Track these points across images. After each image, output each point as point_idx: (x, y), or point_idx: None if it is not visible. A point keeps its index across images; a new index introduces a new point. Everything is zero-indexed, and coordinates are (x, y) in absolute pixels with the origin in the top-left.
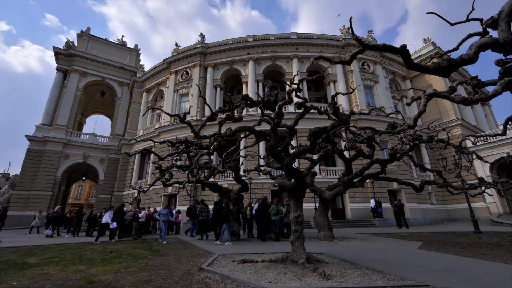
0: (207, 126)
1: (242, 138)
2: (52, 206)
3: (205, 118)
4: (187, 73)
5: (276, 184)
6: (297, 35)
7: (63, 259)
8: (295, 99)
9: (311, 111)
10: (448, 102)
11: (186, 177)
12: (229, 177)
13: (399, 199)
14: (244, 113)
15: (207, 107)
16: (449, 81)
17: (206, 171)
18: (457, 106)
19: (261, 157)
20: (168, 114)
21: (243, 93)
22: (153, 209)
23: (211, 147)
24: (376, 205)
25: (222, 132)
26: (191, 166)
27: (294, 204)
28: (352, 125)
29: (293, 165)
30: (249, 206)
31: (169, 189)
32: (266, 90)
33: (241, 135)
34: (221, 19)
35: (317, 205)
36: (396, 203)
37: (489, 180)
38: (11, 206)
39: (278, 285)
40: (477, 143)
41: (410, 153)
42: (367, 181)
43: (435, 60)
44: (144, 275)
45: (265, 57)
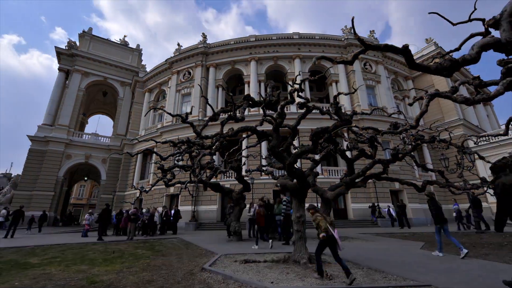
0: (209, 126)
1: (244, 138)
2: (54, 206)
3: (207, 118)
4: (189, 73)
5: (278, 184)
6: (299, 35)
7: (65, 259)
8: (297, 99)
9: (313, 111)
10: (450, 102)
11: (188, 177)
12: (231, 177)
13: (401, 199)
14: (246, 113)
15: (209, 107)
16: (451, 81)
17: (208, 171)
18: (459, 106)
19: (263, 157)
20: (170, 114)
21: (245, 93)
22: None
23: (213, 147)
24: (373, 209)
25: (224, 132)
26: (193, 166)
27: (296, 204)
28: (354, 125)
29: (295, 165)
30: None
31: (171, 189)
32: (268, 90)
33: (243, 135)
34: (217, 35)
35: (319, 205)
36: (398, 203)
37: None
38: (13, 206)
39: (280, 285)
40: (479, 143)
41: (412, 153)
42: (369, 181)
43: (437, 60)
44: (146, 275)
45: (267, 57)
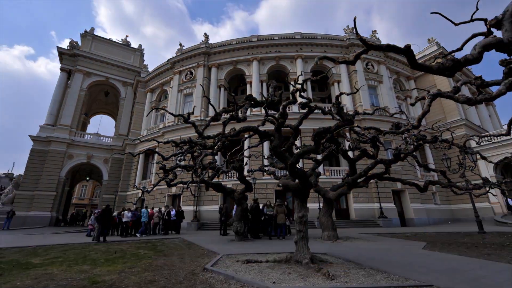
0: (211, 126)
1: (246, 138)
2: (56, 206)
3: (209, 118)
4: (191, 73)
5: (280, 184)
6: (301, 35)
7: (67, 259)
8: (299, 99)
9: (315, 111)
10: (452, 102)
11: (190, 177)
12: (233, 177)
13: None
14: (248, 113)
15: (211, 107)
16: (453, 81)
17: (210, 171)
18: (461, 106)
19: (265, 157)
20: (172, 114)
21: (247, 93)
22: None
23: (215, 147)
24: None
25: (226, 132)
26: (195, 166)
27: (298, 204)
28: (356, 125)
29: (297, 165)
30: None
31: (173, 189)
32: (270, 90)
33: (245, 135)
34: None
35: (321, 205)
36: None
37: (493, 180)
38: (15, 206)
39: (282, 285)
40: (481, 143)
41: (414, 153)
42: (371, 181)
43: (439, 60)
44: (148, 275)
45: (269, 57)
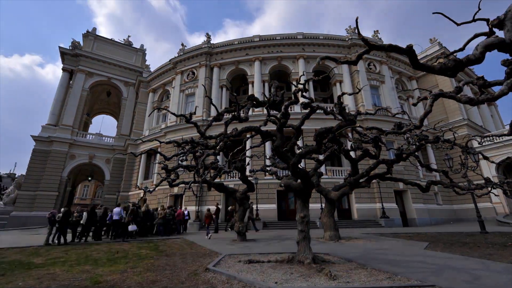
0: (213, 126)
1: (248, 138)
2: (58, 206)
3: (211, 118)
4: (193, 73)
5: (282, 184)
6: (303, 35)
7: (69, 259)
8: (301, 99)
9: (317, 111)
10: (454, 102)
11: (192, 177)
12: (235, 177)
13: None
14: (250, 113)
15: (213, 107)
16: (455, 81)
17: (212, 171)
18: (463, 106)
19: (267, 157)
20: (174, 114)
21: (249, 93)
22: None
23: (217, 147)
24: None
25: (228, 132)
26: (197, 166)
27: (300, 204)
28: (358, 125)
29: (299, 165)
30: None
31: (175, 190)
32: (272, 90)
33: (247, 135)
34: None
35: (323, 205)
36: None
37: (495, 180)
38: (16, 206)
39: (284, 285)
40: (483, 143)
41: (416, 153)
42: (373, 181)
43: (441, 60)
44: (150, 275)
45: (271, 57)
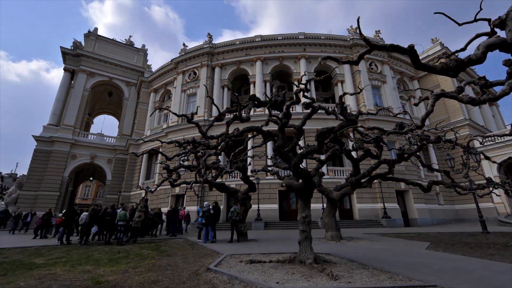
0: (215, 126)
1: (249, 138)
2: (59, 206)
3: (213, 118)
4: (195, 73)
5: (283, 184)
6: (305, 35)
7: (70, 259)
8: (303, 99)
9: (319, 111)
10: (456, 102)
11: (193, 178)
12: (237, 177)
13: None
14: (251, 113)
15: (214, 107)
16: (457, 81)
17: (213, 171)
18: (465, 106)
19: (269, 157)
20: (175, 114)
21: (251, 93)
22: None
23: (219, 147)
24: None
25: (229, 132)
26: (199, 166)
27: (301, 204)
28: (359, 125)
29: (300, 166)
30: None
31: (177, 190)
32: (273, 90)
33: (249, 135)
34: None
35: (325, 205)
36: None
37: (497, 180)
38: (18, 206)
39: (285, 286)
40: (485, 143)
41: (417, 153)
42: (375, 181)
43: (442, 60)
44: (151, 275)
45: (272, 57)
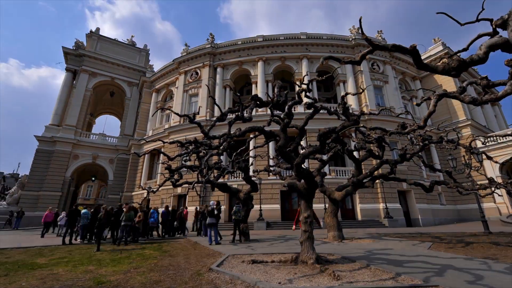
0: (217, 126)
1: (251, 138)
2: (61, 206)
3: (215, 118)
4: (197, 73)
5: (285, 184)
6: (307, 35)
7: (72, 259)
8: (305, 100)
9: (321, 111)
10: (458, 102)
11: (195, 178)
12: (239, 178)
13: None
14: (253, 113)
15: (216, 108)
16: (459, 81)
17: (215, 171)
18: (467, 106)
19: (271, 157)
20: (177, 114)
21: (253, 94)
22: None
23: (221, 148)
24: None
25: (231, 132)
26: (201, 166)
27: (304, 204)
28: (361, 125)
29: (302, 166)
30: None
31: (179, 190)
32: (275, 90)
33: (251, 136)
34: None
35: (327, 205)
36: None
37: (499, 180)
38: (20, 206)
39: (288, 286)
40: (487, 144)
41: (420, 153)
42: (377, 181)
43: (445, 60)
44: (153, 275)
45: (274, 57)
